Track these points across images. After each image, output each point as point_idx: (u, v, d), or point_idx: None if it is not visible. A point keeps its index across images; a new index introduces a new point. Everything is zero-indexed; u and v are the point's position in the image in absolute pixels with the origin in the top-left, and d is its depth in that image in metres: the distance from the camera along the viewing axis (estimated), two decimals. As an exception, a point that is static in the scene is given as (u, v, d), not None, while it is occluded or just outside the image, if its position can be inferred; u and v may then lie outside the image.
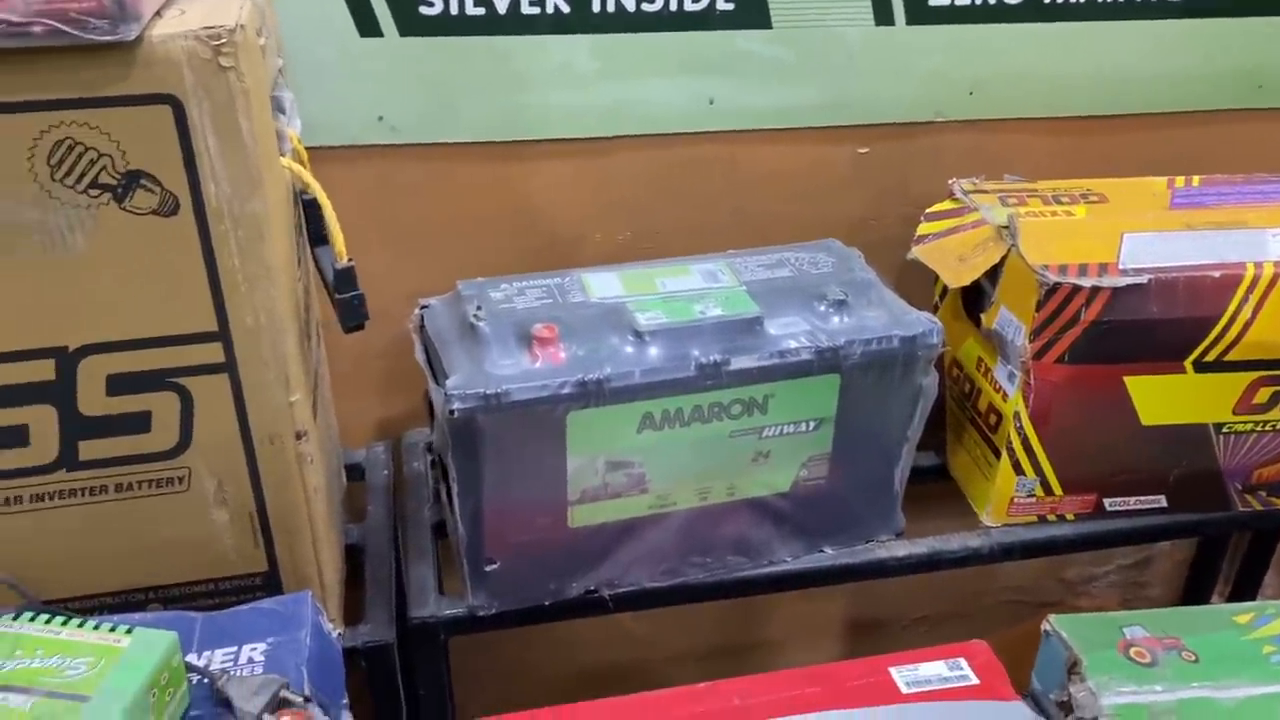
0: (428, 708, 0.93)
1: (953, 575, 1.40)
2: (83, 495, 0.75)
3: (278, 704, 0.65)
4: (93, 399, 0.72)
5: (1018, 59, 1.06)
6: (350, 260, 0.76)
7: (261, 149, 0.68)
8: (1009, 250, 0.92)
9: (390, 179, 0.99)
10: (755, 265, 0.94)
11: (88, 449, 0.73)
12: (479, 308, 0.85)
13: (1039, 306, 0.88)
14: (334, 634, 0.75)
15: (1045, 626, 0.88)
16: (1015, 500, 0.98)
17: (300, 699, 0.65)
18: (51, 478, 0.74)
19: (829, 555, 0.96)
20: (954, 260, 0.96)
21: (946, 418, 1.07)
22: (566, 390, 0.80)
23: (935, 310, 1.07)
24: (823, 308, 0.89)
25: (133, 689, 0.60)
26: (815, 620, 1.40)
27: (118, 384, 0.72)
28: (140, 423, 0.73)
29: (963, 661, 0.87)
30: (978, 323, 0.98)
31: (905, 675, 0.85)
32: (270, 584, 0.82)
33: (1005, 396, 0.95)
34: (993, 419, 0.97)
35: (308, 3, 0.90)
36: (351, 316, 0.76)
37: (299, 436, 0.77)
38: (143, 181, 0.66)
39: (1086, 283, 0.87)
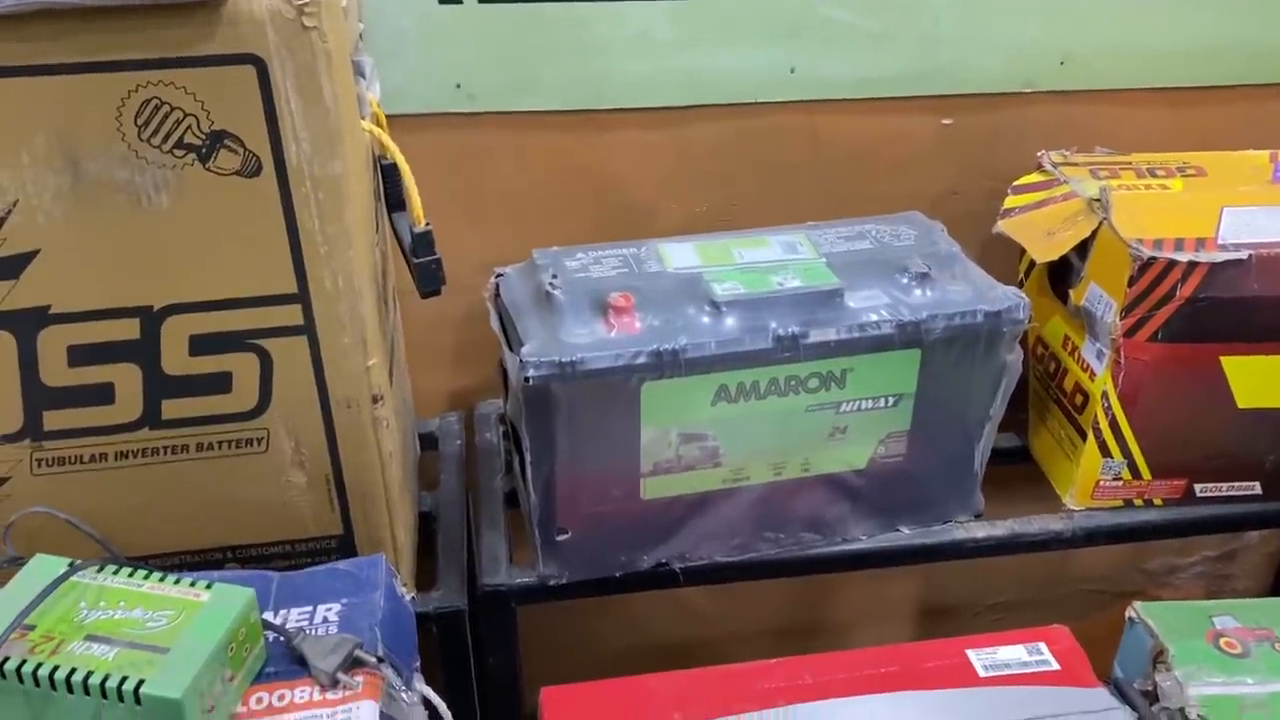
0: (497, 675, 0.93)
1: (1029, 562, 1.37)
2: (165, 454, 0.76)
3: (351, 663, 0.65)
4: (176, 358, 0.73)
5: (1112, 28, 1.02)
6: (428, 224, 0.76)
7: (343, 111, 0.68)
8: (1100, 224, 0.89)
9: (468, 147, 0.99)
10: (835, 237, 0.92)
11: (170, 408, 0.75)
12: (555, 276, 0.84)
13: (1131, 282, 0.85)
14: (407, 597, 0.76)
15: (1130, 613, 0.85)
16: (1101, 483, 0.95)
17: (373, 659, 0.66)
18: (135, 435, 0.75)
19: (905, 535, 0.94)
20: (1042, 234, 0.93)
21: (1029, 397, 1.04)
22: (641, 360, 0.80)
23: (1020, 286, 1.04)
24: (905, 280, 0.86)
25: (211, 642, 0.61)
26: (886, 602, 1.38)
27: (200, 344, 0.73)
28: (221, 383, 0.74)
29: (1043, 646, 0.85)
30: (1064, 299, 0.95)
31: (983, 658, 0.83)
32: (345, 547, 0.82)
33: (1093, 376, 0.91)
34: (1079, 399, 0.94)
35: (388, -31, 0.90)
36: (429, 281, 0.76)
37: (375, 401, 0.77)
38: (226, 142, 0.66)
39: (1183, 257, 0.84)
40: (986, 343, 0.86)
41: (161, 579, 0.65)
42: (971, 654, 0.84)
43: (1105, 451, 0.93)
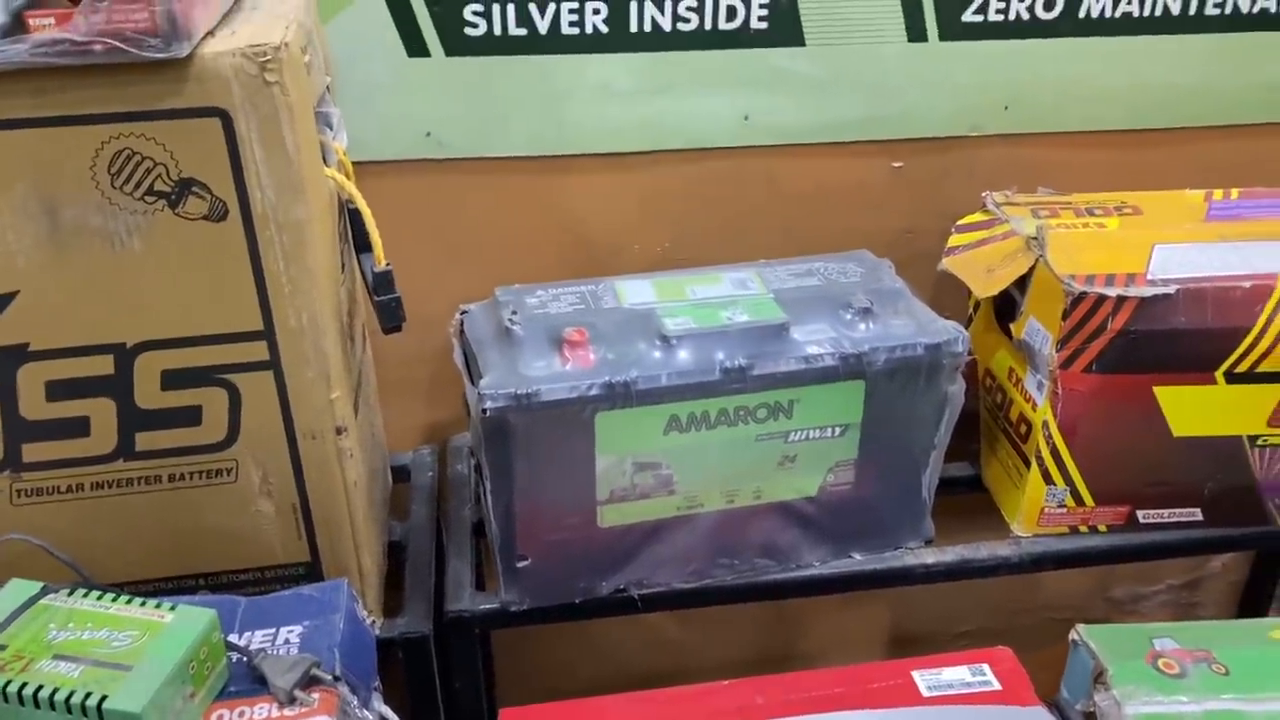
0: (463, 698, 0.96)
1: (995, 590, 1.40)
2: (139, 484, 0.80)
3: (308, 681, 0.69)
4: (148, 393, 0.77)
5: (1054, 73, 1.07)
6: (388, 265, 0.80)
7: (305, 159, 0.72)
8: (1037, 261, 0.93)
9: (438, 192, 1.04)
10: (785, 274, 0.96)
11: (144, 440, 0.78)
12: (514, 312, 0.89)
13: (1065, 315, 0.89)
14: (368, 620, 0.79)
15: (1074, 636, 0.89)
16: (1046, 510, 0.98)
17: (330, 677, 0.69)
18: (110, 467, 0.79)
19: (857, 561, 0.97)
20: (983, 271, 0.97)
21: (980, 428, 1.07)
22: (594, 391, 0.83)
23: (969, 322, 1.08)
24: (849, 315, 0.90)
25: (172, 660, 0.64)
26: (855, 633, 1.40)
27: (171, 379, 0.77)
28: (192, 416, 0.78)
29: (986, 667, 0.88)
30: (1009, 334, 0.99)
31: (928, 679, 0.86)
32: (312, 574, 0.86)
33: (1035, 406, 0.95)
34: (1023, 429, 0.98)
35: (359, 25, 0.95)
36: (389, 318, 0.80)
37: (339, 432, 0.81)
38: (194, 189, 0.71)
39: (1112, 292, 0.88)
40: (928, 374, 0.90)
41: (128, 601, 0.69)
42: (916, 675, 0.87)
43: (1048, 479, 0.96)
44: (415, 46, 0.97)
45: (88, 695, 0.62)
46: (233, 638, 0.74)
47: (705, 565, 0.94)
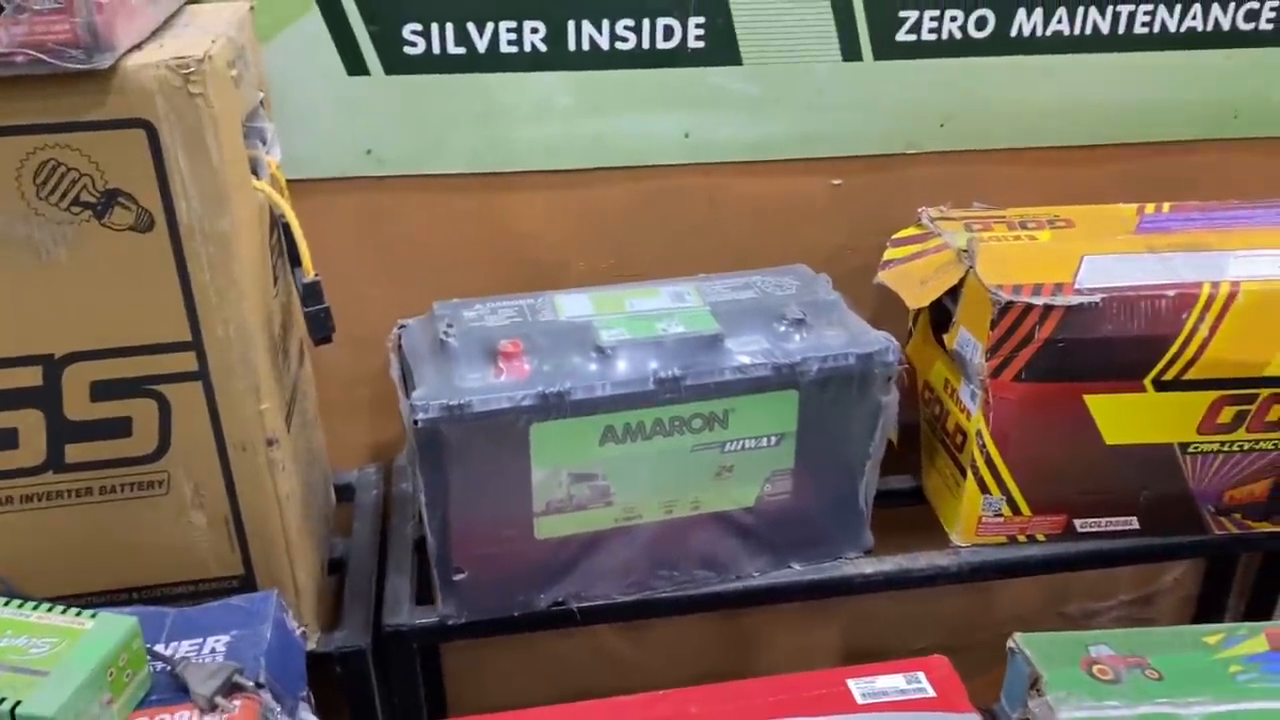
0: (403, 713, 0.96)
1: (950, 606, 1.41)
2: (70, 497, 0.80)
3: (230, 688, 0.68)
4: (78, 404, 0.77)
5: (988, 91, 1.09)
6: (317, 276, 0.81)
7: (230, 171, 0.73)
8: (968, 272, 0.94)
9: (379, 209, 1.05)
10: (722, 288, 0.97)
11: (74, 452, 0.79)
12: (450, 325, 0.89)
13: (993, 325, 0.90)
14: (297, 630, 0.79)
15: (1010, 644, 0.89)
16: (983, 520, 0.99)
17: (252, 685, 0.69)
18: (40, 479, 0.79)
19: (797, 571, 0.98)
20: (916, 283, 0.98)
21: (920, 440, 1.08)
22: (528, 402, 0.84)
23: (909, 336, 1.10)
24: (783, 327, 0.92)
25: (89, 667, 0.64)
26: (812, 650, 1.41)
27: (101, 390, 0.77)
28: (122, 427, 0.78)
29: (921, 675, 0.88)
30: (944, 345, 1.00)
31: (862, 687, 0.87)
32: (246, 587, 0.86)
33: (969, 415, 0.96)
34: (959, 439, 0.99)
35: (300, 43, 0.96)
36: (318, 329, 0.81)
37: (270, 443, 0.81)
38: (120, 200, 0.71)
39: (1039, 301, 0.89)
40: (860, 384, 0.91)
41: (49, 609, 0.69)
42: (852, 683, 0.87)
43: (984, 489, 0.97)
44: (355, 65, 0.98)
45: (2, 700, 0.61)
46: (159, 647, 0.73)
47: (645, 577, 0.95)
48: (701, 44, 1.02)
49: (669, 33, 1.01)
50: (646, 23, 1.00)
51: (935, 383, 1.04)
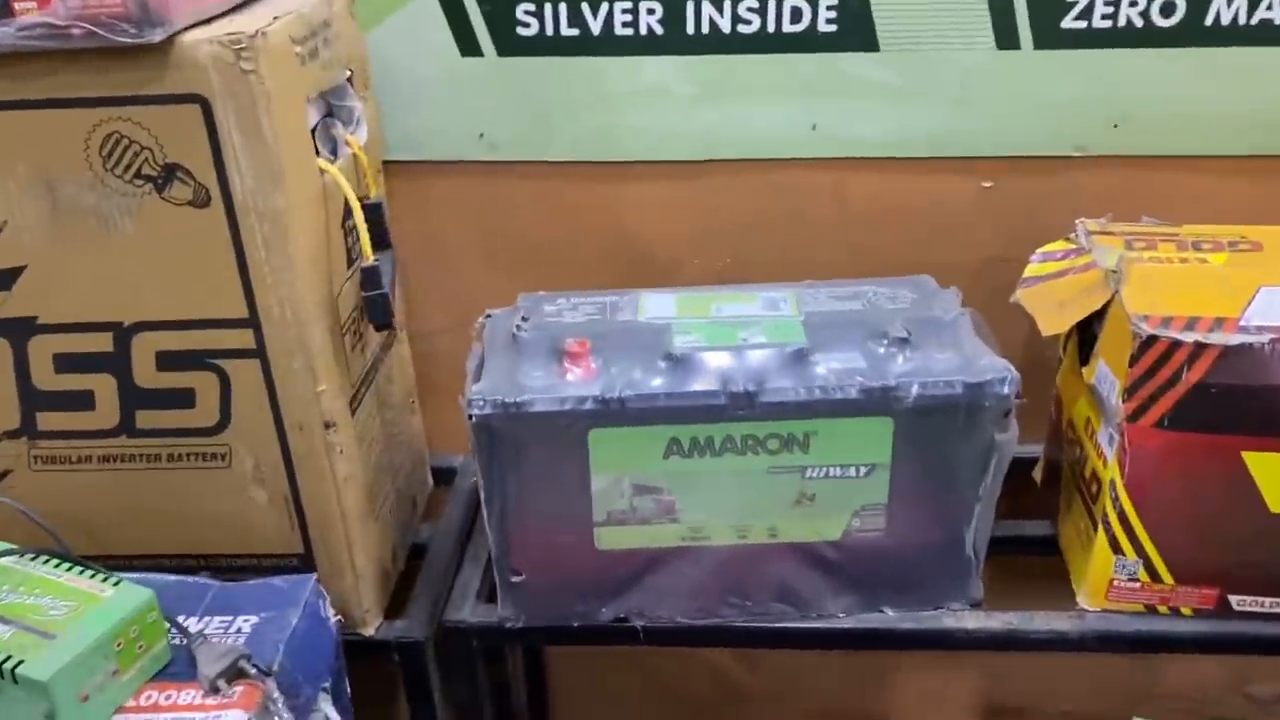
0: (464, 711, 0.94)
1: (1112, 667, 1.25)
2: (141, 461, 0.82)
3: (235, 673, 0.68)
4: (145, 372, 0.79)
5: (1173, 89, 0.94)
6: (376, 260, 0.79)
7: (287, 149, 0.72)
8: (1113, 296, 0.81)
9: (491, 195, 1.02)
10: (826, 296, 0.89)
11: (143, 419, 0.81)
12: (524, 318, 0.86)
13: (1133, 361, 0.77)
14: (332, 619, 0.78)
15: None
16: (1115, 583, 0.86)
17: (257, 671, 0.68)
18: (115, 441, 0.82)
19: (889, 617, 0.88)
20: (1054, 306, 0.86)
21: (1061, 484, 0.96)
22: (586, 406, 0.79)
23: (1060, 364, 0.97)
24: (882, 345, 0.82)
25: (94, 635, 0.65)
26: (942, 694, 1.29)
27: (165, 360, 0.79)
28: (186, 398, 0.80)
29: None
30: (1088, 378, 0.87)
31: (935, 758, 0.77)
32: (306, 566, 0.86)
33: (1105, 462, 0.83)
34: (1094, 487, 0.86)
35: (412, 24, 0.95)
36: (376, 315, 0.79)
37: (327, 426, 0.80)
38: (178, 174, 0.72)
39: (1189, 338, 0.75)
40: (967, 416, 0.80)
41: (81, 572, 0.71)
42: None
43: (1116, 548, 0.84)
44: (468, 46, 0.96)
45: (7, 658, 0.63)
46: (190, 620, 0.74)
47: (713, 603, 0.88)
48: (833, 27, 0.93)
49: (797, 15, 0.93)
50: (772, 4, 0.92)
51: (1078, 420, 0.91)
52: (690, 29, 0.94)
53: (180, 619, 0.74)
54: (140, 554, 0.86)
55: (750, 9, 0.93)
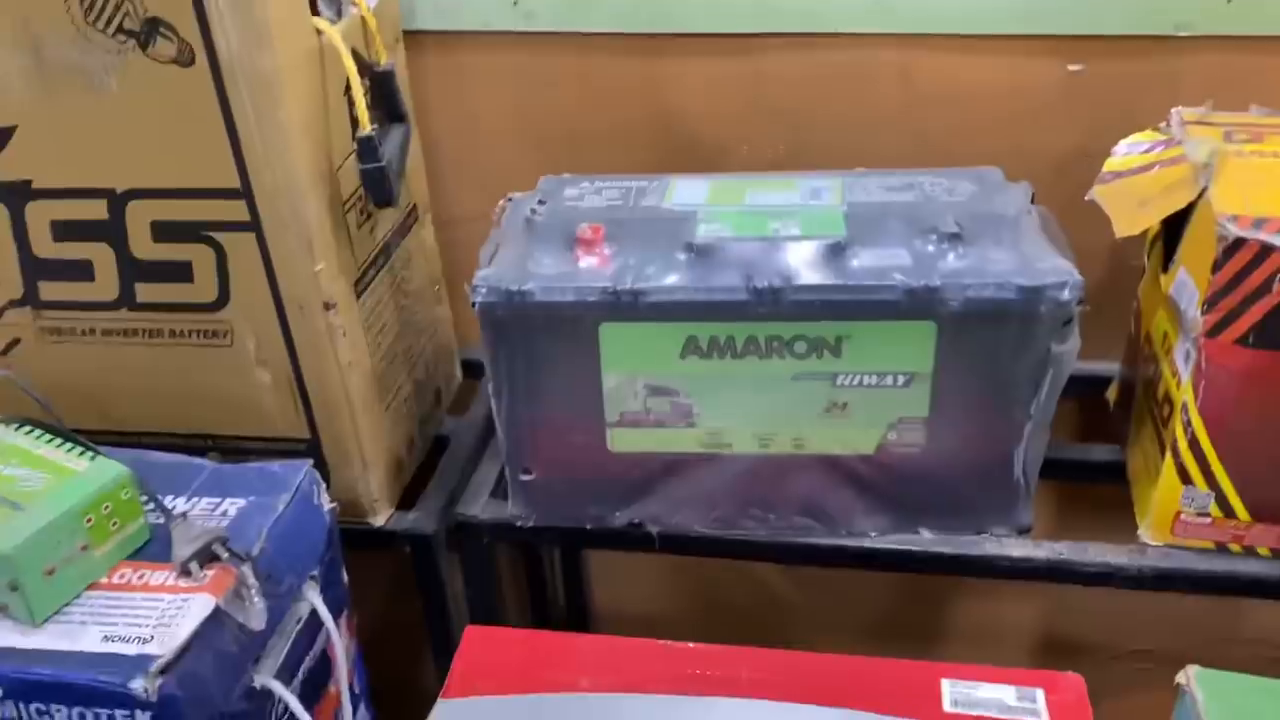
0: (476, 606, 0.91)
1: (1193, 606, 1.16)
2: (143, 336, 0.80)
3: (208, 556, 0.65)
4: (141, 243, 0.76)
5: (1302, -45, 0.81)
6: (373, 130, 0.73)
7: (274, 6, 0.67)
8: (1201, 194, 0.71)
9: (526, 69, 0.96)
10: (876, 186, 0.80)
11: (143, 291, 0.78)
12: (541, 203, 0.80)
13: (1216, 267, 0.67)
14: (326, 507, 0.75)
15: (1181, 680, 0.69)
16: (1182, 517, 0.77)
17: (230, 555, 0.65)
18: (117, 314, 0.79)
19: (925, 539, 0.81)
20: (1133, 204, 0.76)
21: (1133, 405, 0.86)
22: (594, 298, 0.73)
23: (1143, 271, 0.87)
24: (931, 242, 0.74)
25: (62, 509, 0.63)
26: (1000, 623, 1.21)
27: (161, 231, 0.75)
28: (183, 271, 0.76)
29: (1039, 694, 0.71)
30: (1171, 288, 0.77)
31: (957, 691, 0.71)
32: (313, 451, 0.83)
33: (1179, 382, 0.74)
34: (1166, 409, 0.77)
35: (443, -123, 0.88)
36: (373, 190, 0.74)
37: (327, 307, 0.76)
38: (161, 29, 0.67)
39: (1284, 242, 0.65)
40: (1022, 324, 0.72)
41: (60, 444, 0.69)
42: (946, 683, 0.71)
43: (1185, 477, 0.75)
44: (501, -98, 0.88)
45: (-29, 528, 0.61)
46: (174, 500, 0.72)
47: (732, 514, 0.82)
48: (904, -117, 0.83)
49: None
50: None
51: (1156, 335, 0.81)
52: (742, -117, 0.84)
53: (168, 498, 0.72)
54: (151, 431, 0.84)
55: None
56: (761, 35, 0.91)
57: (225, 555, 0.65)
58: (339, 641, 0.72)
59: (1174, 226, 0.77)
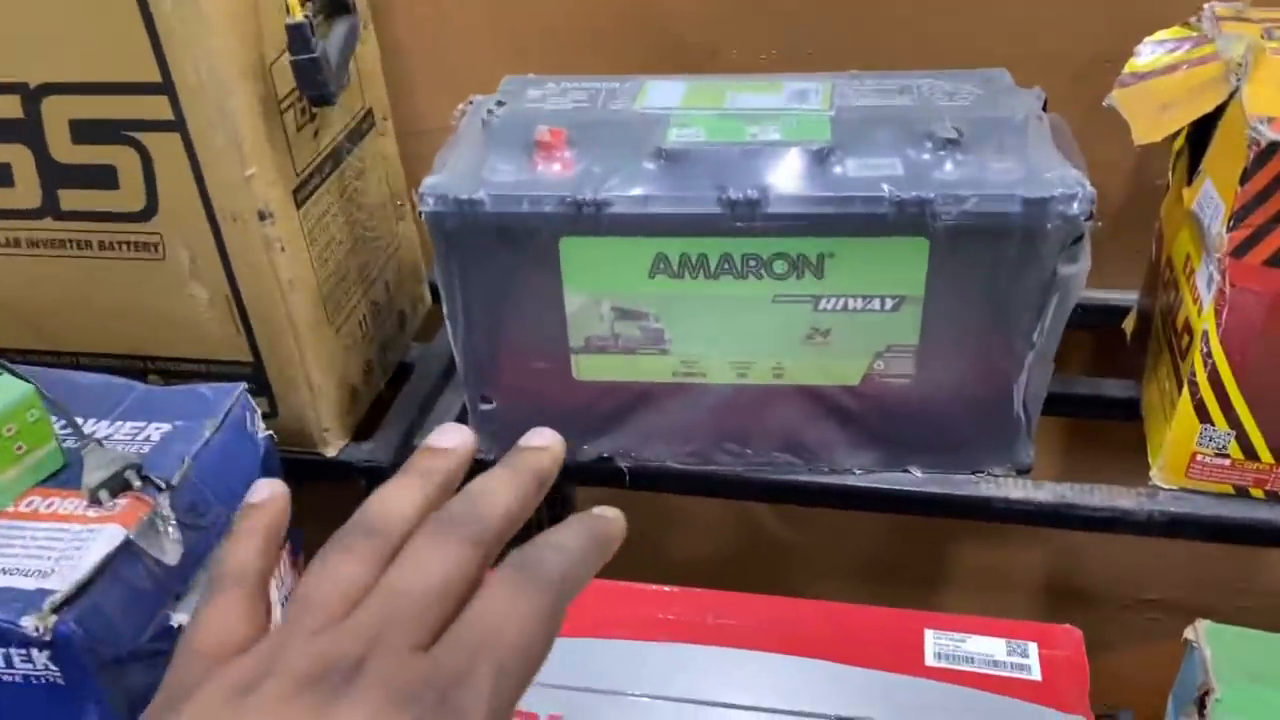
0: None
1: (1210, 554, 1.09)
2: (71, 248, 0.74)
3: (120, 484, 0.60)
4: (61, 145, 0.70)
5: None
6: (304, 18, 0.66)
7: None
8: (1232, 95, 0.63)
9: (496, -38, 0.88)
10: (870, 89, 0.72)
11: (67, 199, 0.72)
12: (500, 104, 0.72)
13: (1245, 178, 0.60)
14: (260, 434, 0.69)
15: (1189, 635, 0.64)
16: (1199, 457, 0.70)
17: (143, 484, 0.60)
18: (41, 224, 0.73)
19: (914, 478, 0.75)
20: (1155, 108, 0.68)
21: (1151, 334, 0.79)
22: (552, 209, 0.66)
23: (1168, 188, 0.79)
24: (926, 151, 0.66)
25: (-46, 429, 0.57)
26: (1007, 567, 1.15)
27: (81, 131, 0.69)
28: (108, 176, 0.70)
29: (1032, 648, 0.65)
30: (1196, 205, 0.70)
31: (941, 644, 0.65)
32: (258, 375, 0.77)
33: (1201, 309, 0.67)
34: (1185, 339, 0.70)
35: None
36: (305, 84, 0.67)
37: (262, 218, 0.70)
38: (62, -100, 0.60)
39: (1325, 147, 0.57)
40: (1023, 241, 0.64)
41: (-33, 362, 0.63)
42: (930, 634, 0.65)
43: (1204, 415, 0.68)
44: None
45: None
46: (103, 425, 0.66)
47: (708, 448, 0.76)
48: None
49: None
50: None
51: (1177, 258, 0.74)
52: None
53: (90, 422, 0.66)
54: (88, 351, 0.79)
55: None
56: (752, -77, 0.82)
57: (139, 484, 0.60)
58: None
59: (1202, 136, 0.69)
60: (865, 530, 1.15)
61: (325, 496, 0.84)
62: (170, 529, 0.60)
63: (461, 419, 0.81)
